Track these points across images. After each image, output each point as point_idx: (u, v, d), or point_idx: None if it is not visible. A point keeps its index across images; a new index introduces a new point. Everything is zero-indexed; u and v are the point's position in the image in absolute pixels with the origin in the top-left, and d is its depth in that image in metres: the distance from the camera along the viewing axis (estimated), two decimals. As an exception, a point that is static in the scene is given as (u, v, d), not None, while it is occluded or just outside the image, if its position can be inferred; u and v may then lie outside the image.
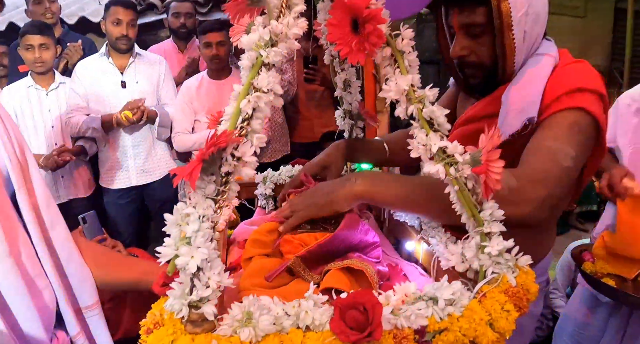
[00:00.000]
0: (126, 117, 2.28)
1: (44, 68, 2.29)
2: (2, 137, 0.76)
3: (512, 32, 0.96)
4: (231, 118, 0.60)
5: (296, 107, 2.76)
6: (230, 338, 0.49)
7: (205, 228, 0.51)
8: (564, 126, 0.90)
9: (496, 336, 0.57)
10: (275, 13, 0.65)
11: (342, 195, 0.85)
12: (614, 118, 1.45)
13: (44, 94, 2.35)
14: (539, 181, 0.81)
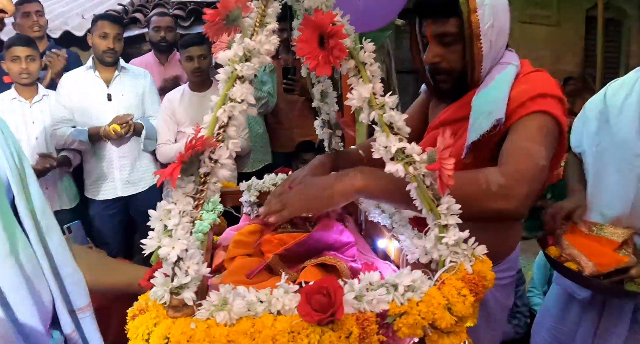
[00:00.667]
0: (114, 130, 2.32)
1: (29, 80, 2.32)
2: (2, 147, 0.80)
3: (479, 41, 1.07)
4: (209, 126, 0.66)
5: (277, 117, 2.83)
6: (207, 320, 0.54)
7: (184, 222, 0.56)
8: (534, 128, 1.01)
9: (454, 320, 0.63)
10: (249, 31, 0.71)
11: (341, 189, 0.86)
12: (581, 124, 1.53)
13: (28, 106, 2.37)
14: (522, 179, 0.90)
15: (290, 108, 2.79)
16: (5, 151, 0.82)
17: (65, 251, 0.90)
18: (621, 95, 1.41)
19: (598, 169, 1.44)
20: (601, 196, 1.42)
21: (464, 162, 1.08)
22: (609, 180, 1.40)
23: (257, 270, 0.86)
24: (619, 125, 1.38)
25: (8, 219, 0.78)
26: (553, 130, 1.02)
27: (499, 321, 1.31)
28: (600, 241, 1.33)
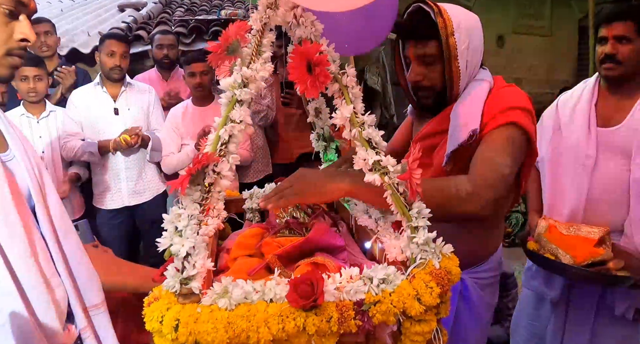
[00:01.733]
0: (125, 140, 2.44)
1: (37, 98, 2.43)
2: (25, 161, 0.91)
3: (457, 61, 1.20)
4: (212, 143, 0.77)
5: (275, 130, 2.95)
6: (210, 306, 0.65)
7: (192, 224, 0.67)
8: (501, 139, 1.12)
9: (423, 309, 0.73)
10: (247, 60, 0.83)
11: (331, 189, 0.95)
12: (539, 133, 1.68)
13: (35, 122, 2.48)
14: (487, 186, 1.03)
15: (287, 122, 2.91)
16: (27, 165, 0.92)
17: (81, 253, 1.00)
18: (570, 104, 1.58)
19: (555, 172, 1.59)
20: (559, 197, 1.55)
21: (444, 170, 1.20)
22: (565, 181, 1.55)
23: (257, 268, 0.96)
24: (570, 130, 1.54)
25: (29, 225, 0.88)
26: (520, 140, 1.13)
27: (484, 319, 1.40)
28: (577, 239, 1.45)
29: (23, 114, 2.46)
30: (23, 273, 0.83)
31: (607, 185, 1.46)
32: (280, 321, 0.64)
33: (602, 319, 1.52)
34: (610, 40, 1.43)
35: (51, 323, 0.87)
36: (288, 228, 1.14)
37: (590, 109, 1.51)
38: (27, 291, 0.83)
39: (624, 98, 1.46)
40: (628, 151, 1.41)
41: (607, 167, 1.47)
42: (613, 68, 1.44)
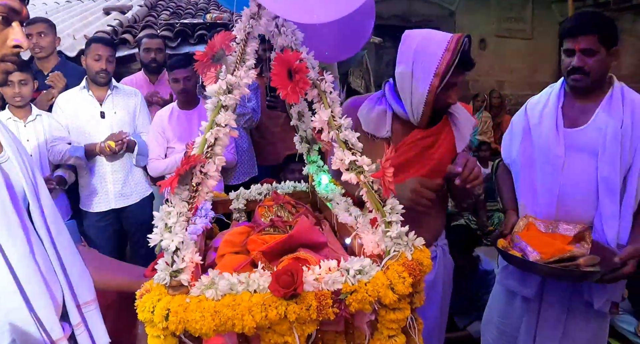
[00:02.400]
0: (109, 147, 2.45)
1: (22, 103, 2.44)
2: (19, 162, 0.94)
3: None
4: (199, 145, 0.82)
5: (261, 132, 3.00)
6: (198, 296, 0.70)
7: (181, 221, 0.72)
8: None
9: (396, 297, 0.79)
10: (231, 67, 0.88)
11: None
12: (509, 137, 1.78)
13: (22, 125, 2.49)
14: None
15: (273, 124, 2.96)
16: (22, 167, 0.96)
17: (74, 251, 1.04)
18: (539, 107, 1.67)
19: (527, 173, 1.67)
20: (532, 197, 1.63)
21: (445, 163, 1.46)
22: (537, 181, 1.63)
23: (243, 264, 1.01)
24: (539, 133, 1.63)
25: (25, 224, 0.92)
26: None
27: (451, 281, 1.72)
28: (554, 237, 1.53)
29: (10, 118, 2.46)
30: (22, 270, 0.86)
31: (576, 183, 1.54)
32: (263, 310, 0.69)
33: (575, 314, 1.59)
34: (577, 53, 1.48)
35: (49, 318, 0.90)
36: (273, 226, 1.19)
37: (557, 111, 1.59)
38: (25, 287, 0.86)
39: (588, 101, 1.55)
40: (594, 150, 1.49)
41: (575, 166, 1.54)
42: (581, 80, 1.51)
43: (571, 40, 1.50)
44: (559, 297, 1.60)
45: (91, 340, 1.05)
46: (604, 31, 1.45)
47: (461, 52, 1.29)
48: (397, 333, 0.82)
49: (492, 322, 1.84)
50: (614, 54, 1.47)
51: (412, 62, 1.33)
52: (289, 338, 0.73)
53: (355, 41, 1.31)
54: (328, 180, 1.42)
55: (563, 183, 1.56)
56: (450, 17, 5.54)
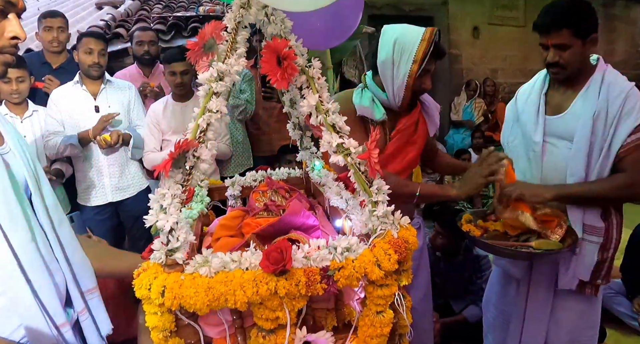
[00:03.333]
0: (104, 140, 2.46)
1: (19, 100, 2.46)
2: (20, 154, 0.97)
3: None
4: (192, 131, 0.85)
5: (256, 123, 3.02)
6: (193, 273, 0.73)
7: (175, 202, 0.76)
8: None
9: (382, 273, 0.82)
10: (222, 56, 0.91)
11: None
12: (505, 124, 1.82)
13: (19, 121, 2.51)
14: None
15: (268, 115, 2.99)
16: (23, 158, 0.99)
17: (75, 241, 1.07)
18: (525, 95, 1.70)
19: (514, 160, 1.71)
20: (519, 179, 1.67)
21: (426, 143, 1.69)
22: (523, 167, 1.67)
23: (237, 246, 1.05)
24: (523, 120, 1.68)
25: (27, 213, 0.95)
26: None
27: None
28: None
29: (7, 114, 2.47)
30: (25, 256, 0.89)
31: (555, 169, 1.58)
32: (254, 285, 0.73)
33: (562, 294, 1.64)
34: (551, 49, 1.50)
35: (53, 304, 0.93)
36: (267, 210, 1.23)
37: (539, 98, 1.63)
38: (29, 274, 0.89)
39: (570, 88, 1.58)
40: (572, 136, 1.53)
41: (555, 152, 1.59)
42: (558, 73, 1.54)
43: (544, 35, 1.51)
44: (546, 278, 1.64)
45: (95, 326, 1.09)
46: (576, 24, 1.44)
47: (434, 42, 1.44)
48: (385, 309, 0.85)
49: (491, 302, 1.90)
50: (591, 41, 1.48)
51: (393, 52, 1.46)
52: (279, 313, 0.76)
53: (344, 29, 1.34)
54: (321, 166, 1.45)
55: (544, 168, 1.61)
56: (443, 6, 5.54)
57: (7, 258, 0.86)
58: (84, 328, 1.06)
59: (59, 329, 0.94)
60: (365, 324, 0.85)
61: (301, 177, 1.49)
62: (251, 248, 0.81)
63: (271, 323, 0.77)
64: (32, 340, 0.90)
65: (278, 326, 0.79)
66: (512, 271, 1.72)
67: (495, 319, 1.89)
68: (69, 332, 0.97)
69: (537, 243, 1.45)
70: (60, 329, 0.95)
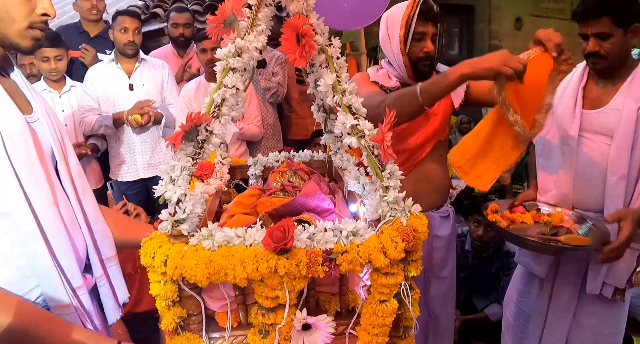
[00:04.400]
0: (135, 120, 2.54)
1: (58, 77, 2.56)
2: (48, 124, 1.01)
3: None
4: (207, 105, 0.85)
5: (291, 106, 3.02)
6: (196, 246, 0.74)
7: (184, 174, 0.76)
8: None
9: (387, 262, 0.79)
10: (242, 32, 0.90)
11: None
12: None
13: (57, 96, 2.61)
14: None
15: (303, 98, 2.99)
16: (50, 127, 1.02)
17: (97, 209, 1.11)
18: (562, 88, 1.62)
19: (547, 154, 1.65)
20: (549, 177, 1.61)
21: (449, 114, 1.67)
22: (556, 162, 1.60)
23: (249, 224, 1.05)
24: (558, 113, 1.60)
25: (51, 179, 0.99)
26: None
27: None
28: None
29: (45, 89, 2.58)
30: (46, 219, 0.93)
31: (591, 165, 1.52)
32: (254, 262, 0.73)
33: (586, 297, 1.57)
34: (590, 38, 1.44)
35: (71, 267, 0.97)
36: (283, 190, 1.22)
37: (577, 92, 1.56)
38: (49, 237, 0.93)
39: (610, 82, 1.50)
40: (611, 133, 1.46)
41: (591, 147, 1.52)
42: (598, 63, 1.47)
43: (583, 24, 1.44)
44: (572, 279, 1.58)
45: (112, 292, 1.13)
46: (617, 12, 1.38)
47: (421, 4, 1.46)
48: (389, 299, 0.83)
49: (512, 300, 1.85)
50: (633, 31, 1.40)
51: (386, 27, 1.54)
52: (279, 292, 0.76)
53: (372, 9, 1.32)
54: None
55: (579, 164, 1.54)
56: (485, -5, 5.34)
57: (28, 220, 0.89)
58: (101, 293, 1.10)
59: (75, 292, 0.98)
60: (367, 312, 0.84)
61: (324, 160, 1.48)
62: (257, 224, 0.80)
63: (271, 302, 0.77)
64: (48, 300, 0.94)
65: (278, 305, 0.78)
66: (536, 269, 1.66)
67: (515, 318, 1.84)
68: (85, 295, 1.01)
69: (567, 238, 1.39)
70: (76, 291, 0.98)
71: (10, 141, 0.88)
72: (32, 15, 0.93)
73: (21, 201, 0.89)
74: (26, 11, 0.92)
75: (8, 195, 0.88)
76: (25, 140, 0.91)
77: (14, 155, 0.88)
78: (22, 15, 0.91)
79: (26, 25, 0.93)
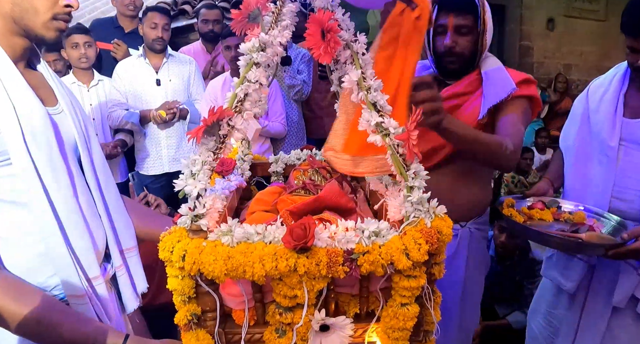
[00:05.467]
0: (160, 116, 2.58)
1: (88, 64, 2.61)
2: (72, 116, 1.02)
3: (486, 35, 1.42)
4: (229, 100, 0.84)
5: (309, 106, 3.01)
6: (215, 241, 0.73)
7: (205, 169, 0.76)
8: (521, 110, 1.43)
9: (410, 264, 0.76)
10: (267, 27, 0.89)
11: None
12: (569, 122, 1.67)
13: (86, 90, 2.67)
14: (516, 149, 1.34)
15: (321, 98, 2.97)
16: (74, 119, 1.04)
17: (119, 201, 1.12)
18: (599, 93, 1.53)
19: (581, 162, 1.56)
20: (585, 187, 1.52)
21: (479, 122, 1.44)
22: (592, 172, 1.52)
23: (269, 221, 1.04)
24: (597, 120, 1.51)
25: (73, 171, 1.00)
26: (529, 112, 1.47)
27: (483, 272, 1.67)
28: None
29: (74, 82, 2.64)
30: (64, 210, 0.94)
31: (632, 177, 1.43)
32: (274, 260, 0.71)
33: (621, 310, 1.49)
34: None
35: (88, 257, 0.99)
36: (304, 188, 1.21)
37: (617, 99, 1.47)
38: (66, 227, 0.95)
39: None
40: None
41: (631, 158, 1.43)
42: None
43: (632, 39, 1.35)
44: (605, 291, 1.50)
45: (131, 282, 1.14)
46: None
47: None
48: (410, 302, 0.81)
49: (539, 311, 1.77)
50: None
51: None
52: (298, 291, 0.74)
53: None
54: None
55: (618, 175, 1.45)
56: (518, -5, 5.20)
57: (45, 209, 0.91)
58: (119, 283, 1.12)
59: (91, 282, 0.99)
60: (387, 316, 0.81)
61: (346, 159, 1.46)
62: (278, 222, 0.79)
63: (289, 301, 0.76)
64: (64, 289, 0.95)
65: (296, 305, 0.77)
66: (564, 284, 1.59)
67: (541, 331, 1.76)
68: (102, 285, 1.02)
69: (588, 236, 1.32)
70: (92, 281, 0.99)
71: (31, 134, 0.90)
72: (55, 6, 0.94)
73: (40, 193, 0.90)
74: (50, 3, 0.93)
75: (27, 187, 0.89)
76: (46, 133, 0.93)
77: (33, 148, 0.90)
78: (45, 7, 0.93)
79: (50, 16, 0.94)
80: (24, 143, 0.88)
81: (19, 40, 0.95)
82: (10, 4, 0.91)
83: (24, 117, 0.89)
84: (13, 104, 0.89)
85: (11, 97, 0.89)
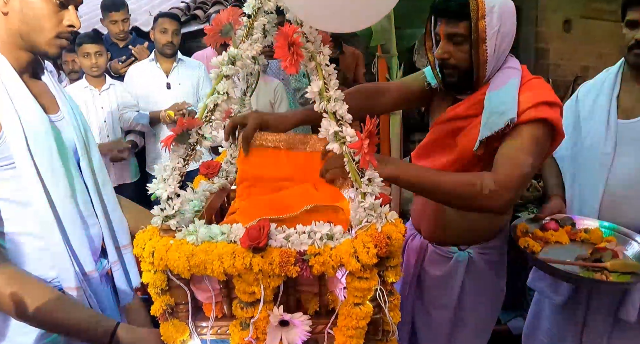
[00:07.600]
0: (169, 116, 2.69)
1: (98, 72, 2.73)
2: (74, 123, 1.12)
3: (485, 45, 1.22)
4: (200, 110, 0.92)
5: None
6: (181, 240, 0.81)
7: (175, 174, 0.84)
8: (527, 137, 1.16)
9: (359, 266, 0.81)
10: (238, 41, 0.96)
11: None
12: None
13: (97, 94, 2.79)
14: (508, 186, 1.10)
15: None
16: (74, 124, 1.14)
17: (115, 201, 1.22)
18: (591, 98, 1.49)
19: (574, 170, 1.54)
20: (576, 195, 1.51)
21: (471, 153, 1.25)
22: (583, 179, 1.49)
23: None
24: (590, 126, 1.48)
25: (71, 173, 1.10)
26: (545, 139, 1.18)
27: (490, 301, 1.49)
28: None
29: (86, 87, 2.77)
30: (63, 210, 1.04)
31: (625, 180, 1.41)
32: (231, 258, 0.78)
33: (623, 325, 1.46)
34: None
35: (84, 253, 1.08)
36: None
37: (610, 102, 1.44)
38: (65, 225, 1.04)
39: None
40: None
41: (626, 161, 1.41)
42: None
43: (633, 9, 1.32)
44: (606, 304, 1.47)
45: (126, 277, 1.24)
46: None
47: (436, 5, 1.28)
48: (363, 302, 0.85)
49: (540, 329, 1.71)
50: None
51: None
52: (255, 288, 0.81)
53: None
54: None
55: (611, 182, 1.43)
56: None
57: (45, 209, 1.00)
58: (115, 278, 1.22)
59: (86, 275, 1.09)
60: (342, 314, 0.87)
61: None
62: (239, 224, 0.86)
63: (248, 296, 0.83)
64: (60, 281, 1.05)
65: (256, 300, 0.84)
66: (553, 298, 1.54)
67: None
68: (96, 279, 1.11)
69: (612, 264, 1.24)
70: (87, 275, 1.09)
71: (33, 139, 0.99)
72: (59, 26, 1.04)
73: (40, 193, 0.99)
74: (54, 22, 1.03)
75: (29, 187, 0.99)
76: (47, 139, 1.02)
77: (36, 152, 0.99)
78: (50, 26, 1.02)
79: (54, 34, 1.04)
80: (27, 148, 0.98)
81: (24, 54, 1.05)
82: (19, 22, 1.01)
83: (27, 124, 0.99)
84: (18, 113, 0.98)
85: (16, 106, 0.99)
